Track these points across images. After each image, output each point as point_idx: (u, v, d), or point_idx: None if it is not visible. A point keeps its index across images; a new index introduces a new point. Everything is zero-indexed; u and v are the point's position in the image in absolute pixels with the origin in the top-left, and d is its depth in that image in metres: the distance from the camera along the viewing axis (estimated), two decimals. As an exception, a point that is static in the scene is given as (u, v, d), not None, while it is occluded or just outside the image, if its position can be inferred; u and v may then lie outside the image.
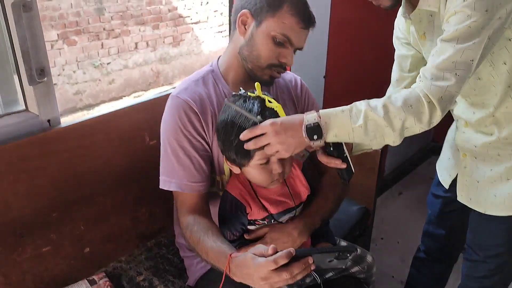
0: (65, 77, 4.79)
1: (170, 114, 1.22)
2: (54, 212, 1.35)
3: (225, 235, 1.21)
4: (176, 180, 1.22)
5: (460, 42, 1.02)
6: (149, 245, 1.62)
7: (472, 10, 1.01)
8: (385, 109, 1.03)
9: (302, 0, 1.20)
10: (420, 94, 1.03)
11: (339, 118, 1.05)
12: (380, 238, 2.52)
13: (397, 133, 1.04)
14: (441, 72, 1.03)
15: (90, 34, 4.85)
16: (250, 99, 1.11)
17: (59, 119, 1.35)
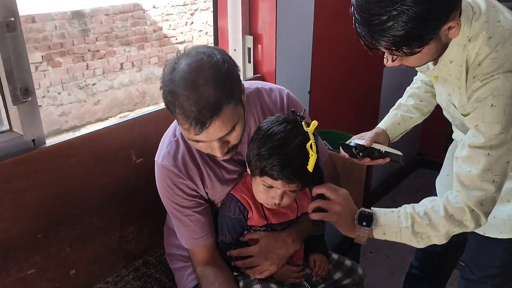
0: (49, 98, 4.76)
1: (159, 182, 1.25)
2: (39, 233, 1.33)
3: (222, 238, 1.27)
4: (183, 237, 1.28)
5: (494, 149, 1.01)
6: (136, 265, 1.60)
7: (502, 115, 0.98)
8: (428, 217, 1.08)
9: (190, 104, 1.00)
10: (461, 205, 1.05)
11: (388, 216, 1.12)
12: (370, 252, 2.52)
13: (443, 237, 1.09)
14: (479, 182, 1.03)
15: (75, 55, 4.85)
16: (298, 130, 1.12)
17: (44, 139, 1.34)
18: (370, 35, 0.96)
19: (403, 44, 0.94)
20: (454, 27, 0.97)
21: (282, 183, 1.12)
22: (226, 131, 1.07)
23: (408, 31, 0.91)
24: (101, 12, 4.99)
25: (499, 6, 1.08)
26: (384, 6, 0.89)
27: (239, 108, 1.09)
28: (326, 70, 2.25)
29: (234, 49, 1.95)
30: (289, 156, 1.10)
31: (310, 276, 1.34)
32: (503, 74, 0.99)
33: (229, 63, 1.06)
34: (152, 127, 1.52)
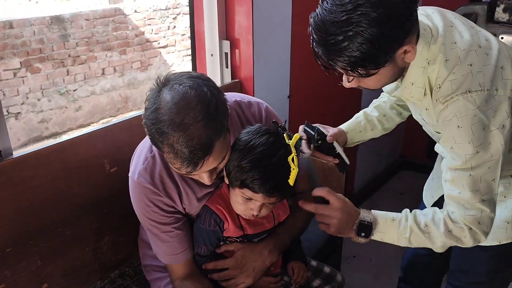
0: (29, 105, 4.68)
1: (136, 200, 1.21)
2: (8, 247, 1.28)
3: (198, 250, 1.24)
4: (161, 253, 1.25)
5: (474, 169, 1.03)
6: (112, 276, 1.56)
7: (471, 135, 1.00)
8: (427, 230, 1.09)
9: (181, 146, 0.97)
10: (460, 223, 1.07)
11: (388, 223, 1.12)
12: (353, 256, 2.51)
13: (439, 248, 1.11)
14: (472, 202, 1.05)
15: (54, 61, 4.78)
16: (280, 143, 1.10)
17: (10, 150, 1.29)
18: (326, 55, 0.98)
19: (358, 65, 0.95)
20: (410, 51, 0.99)
21: (263, 196, 1.10)
22: (216, 164, 1.05)
23: (363, 52, 0.92)
24: (81, 17, 4.93)
25: (457, 24, 1.09)
26: (340, 27, 0.92)
27: (227, 137, 1.07)
28: (306, 74, 2.24)
29: (211, 54, 1.92)
30: (271, 170, 1.07)
31: (288, 284, 1.32)
32: (461, 95, 1.01)
33: (216, 96, 1.02)
34: (125, 135, 1.48)
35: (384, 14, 0.90)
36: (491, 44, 1.07)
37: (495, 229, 1.22)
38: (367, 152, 2.94)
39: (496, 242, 1.24)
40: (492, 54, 1.05)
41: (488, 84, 1.00)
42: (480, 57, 1.03)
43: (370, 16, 0.89)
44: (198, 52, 1.97)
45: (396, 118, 1.43)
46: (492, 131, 1.01)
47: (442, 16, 1.10)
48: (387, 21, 0.91)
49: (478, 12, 2.11)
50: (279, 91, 2.10)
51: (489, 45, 1.07)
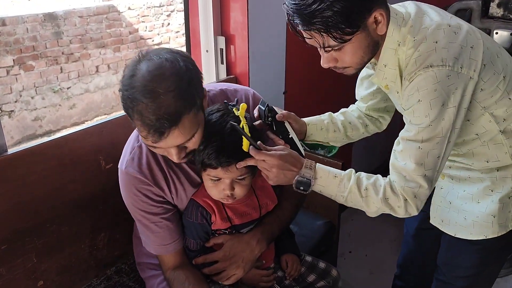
0: (22, 103, 4.65)
1: (124, 190, 1.22)
2: (3, 244, 1.27)
3: (188, 245, 1.25)
4: (152, 244, 1.25)
5: (424, 142, 1.05)
6: (108, 273, 1.55)
7: (429, 109, 1.03)
8: (366, 193, 1.10)
9: (149, 113, 0.98)
10: (397, 191, 1.09)
11: (329, 179, 1.13)
12: (348, 252, 2.52)
13: (373, 212, 1.13)
14: (414, 175, 1.07)
15: (48, 58, 4.74)
16: (228, 116, 1.12)
17: (5, 147, 1.28)
18: (301, 21, 1.02)
19: (333, 26, 1.00)
20: (381, 22, 1.04)
21: (222, 169, 1.11)
22: (184, 140, 1.05)
23: (335, 11, 0.98)
24: (75, 14, 4.90)
25: (430, 12, 1.13)
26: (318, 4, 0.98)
27: (199, 115, 1.07)
28: (301, 70, 2.24)
29: (206, 50, 1.92)
30: (222, 143, 1.09)
31: (282, 279, 1.32)
32: (423, 70, 1.03)
33: (191, 71, 1.03)
34: (121, 132, 1.47)
35: None
36: (462, 26, 1.10)
37: (481, 223, 1.23)
38: (362, 148, 2.95)
39: (483, 236, 1.24)
40: (461, 33, 1.07)
41: (451, 61, 1.03)
42: (447, 34, 1.06)
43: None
44: (193, 48, 1.97)
45: (361, 128, 1.45)
46: (449, 108, 1.03)
47: (416, 6, 1.14)
48: None
49: (472, 7, 2.12)
50: (275, 87, 2.10)
51: (459, 26, 1.09)
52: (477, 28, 1.15)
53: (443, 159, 1.08)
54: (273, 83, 2.09)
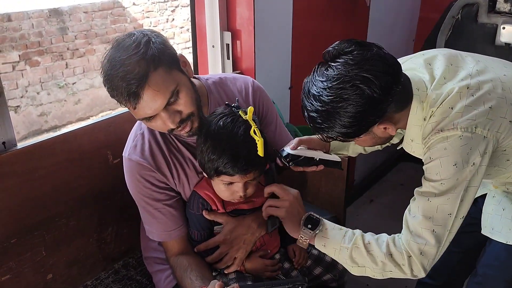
0: (28, 99, 4.67)
1: (128, 176, 1.26)
2: (12, 238, 1.29)
3: (192, 235, 1.27)
4: (155, 231, 1.28)
5: (434, 197, 1.04)
6: (116, 267, 1.57)
7: (439, 167, 1.03)
8: (370, 247, 1.09)
9: (119, 81, 1.03)
10: (402, 246, 1.07)
11: (334, 232, 1.14)
12: (354, 247, 2.52)
13: (379, 272, 1.10)
14: (420, 229, 1.05)
15: (53, 54, 4.75)
16: (237, 121, 1.12)
17: (14, 141, 1.30)
18: (311, 125, 1.10)
19: (335, 139, 1.10)
20: (389, 128, 1.08)
21: (239, 176, 1.12)
22: (164, 98, 1.06)
23: (339, 133, 1.06)
24: (80, 9, 4.90)
25: (460, 65, 1.13)
26: (321, 116, 1.04)
27: (174, 74, 1.09)
28: (307, 65, 2.22)
29: (213, 45, 1.92)
30: (237, 149, 1.10)
31: (288, 270, 1.33)
32: (435, 134, 1.05)
33: (152, 36, 1.07)
34: (128, 126, 1.47)
35: (361, 107, 1.00)
36: (483, 85, 1.07)
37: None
38: (368, 143, 2.95)
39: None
40: (478, 94, 1.05)
41: (464, 123, 1.02)
42: (463, 98, 1.05)
43: (346, 112, 1.01)
44: (199, 43, 1.97)
45: None
46: (462, 168, 1.02)
47: (446, 62, 1.13)
48: (362, 114, 1.01)
49: (479, 2, 2.11)
50: (280, 82, 2.10)
51: (479, 86, 1.07)
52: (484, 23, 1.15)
53: (455, 218, 1.05)
54: (279, 79, 2.09)
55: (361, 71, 1.00)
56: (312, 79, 1.06)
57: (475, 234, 1.37)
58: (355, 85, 0.99)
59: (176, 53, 1.13)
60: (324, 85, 1.02)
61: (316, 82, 1.04)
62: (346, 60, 1.02)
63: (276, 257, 1.33)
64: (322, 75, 1.03)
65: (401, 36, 2.98)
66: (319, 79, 1.04)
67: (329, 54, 1.06)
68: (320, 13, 2.23)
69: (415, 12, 2.99)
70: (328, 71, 1.02)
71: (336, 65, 1.02)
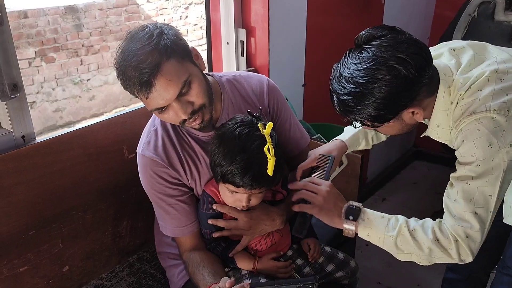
0: (44, 94, 4.73)
1: (142, 172, 1.27)
2: (31, 230, 1.32)
3: (205, 235, 1.27)
4: (168, 226, 1.28)
5: (471, 180, 1.04)
6: (131, 261, 1.59)
7: (474, 149, 1.03)
8: (416, 233, 1.08)
9: (131, 72, 1.05)
10: (447, 231, 1.06)
11: (376, 220, 1.12)
12: (365, 245, 2.52)
13: (425, 258, 1.08)
14: (463, 212, 1.04)
15: (68, 50, 4.81)
16: (254, 134, 1.11)
17: (33, 135, 1.32)
18: (340, 110, 1.11)
19: (364, 123, 1.10)
20: (418, 113, 1.08)
21: (244, 189, 1.12)
22: (176, 88, 1.07)
23: (369, 115, 1.06)
24: (95, 7, 4.95)
25: (484, 54, 1.14)
26: (354, 98, 1.05)
27: (186, 65, 1.10)
28: (320, 62, 2.23)
29: (227, 42, 1.93)
30: (247, 163, 1.09)
31: (301, 267, 1.33)
32: (467, 117, 1.05)
33: (165, 28, 1.09)
34: (144, 122, 1.49)
35: (395, 88, 1.01)
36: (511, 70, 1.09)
37: None
38: (381, 141, 2.93)
39: None
40: (507, 79, 1.06)
41: (496, 105, 1.02)
42: (491, 81, 1.06)
43: (380, 93, 1.02)
44: (213, 40, 1.98)
45: None
46: (499, 149, 1.01)
47: (472, 51, 1.14)
48: (396, 95, 1.02)
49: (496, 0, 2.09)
50: (294, 80, 2.11)
51: (507, 71, 1.08)
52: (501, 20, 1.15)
53: (497, 200, 1.04)
54: (292, 76, 2.10)
55: (396, 52, 1.01)
56: (344, 63, 1.07)
57: (498, 223, 1.34)
58: (391, 65, 1.00)
59: (189, 45, 1.15)
60: (357, 67, 1.03)
61: (349, 65, 1.05)
62: (380, 42, 1.03)
63: (288, 253, 1.34)
64: (355, 58, 1.04)
65: (416, 34, 2.94)
66: (352, 62, 1.05)
67: (362, 38, 1.06)
68: (335, 11, 2.23)
69: (430, 10, 2.96)
70: (362, 54, 1.03)
71: (370, 47, 1.03)
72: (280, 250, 1.31)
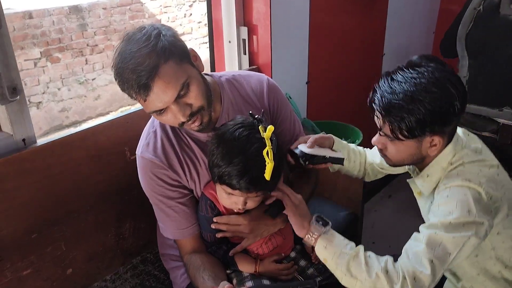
0: (49, 94, 4.75)
1: (141, 174, 1.26)
2: (33, 233, 1.31)
3: (205, 237, 1.26)
4: (169, 229, 1.28)
5: (441, 230, 1.07)
6: (134, 262, 1.59)
7: (454, 207, 1.08)
8: (370, 261, 1.09)
9: (129, 74, 1.04)
10: (399, 267, 1.07)
11: (338, 238, 1.15)
12: (372, 243, 2.50)
13: (369, 285, 1.07)
14: (420, 256, 1.06)
15: (73, 50, 4.82)
16: (253, 137, 1.09)
17: (34, 138, 1.32)
18: (380, 107, 1.11)
19: (398, 122, 1.10)
20: (436, 145, 1.13)
21: (240, 192, 1.10)
22: (174, 90, 1.06)
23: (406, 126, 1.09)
24: (99, 6, 4.95)
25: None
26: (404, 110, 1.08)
27: (185, 66, 1.09)
28: (324, 60, 2.21)
29: (229, 41, 1.92)
30: (245, 166, 1.07)
31: (304, 269, 1.32)
32: (462, 181, 1.11)
33: (162, 29, 1.08)
34: (145, 123, 1.48)
35: (441, 107, 1.07)
36: None
37: None
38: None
39: None
40: (495, 172, 1.16)
41: (487, 187, 1.10)
42: (493, 169, 1.16)
43: (427, 104, 1.06)
44: (215, 39, 1.97)
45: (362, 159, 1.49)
46: (473, 218, 1.06)
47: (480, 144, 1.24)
48: (437, 114, 1.07)
49: (502, -7, 2.05)
50: (297, 78, 2.09)
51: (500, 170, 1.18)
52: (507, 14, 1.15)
53: (453, 259, 1.06)
54: (296, 74, 2.08)
55: (451, 79, 1.09)
56: (398, 71, 1.12)
57: None
58: (446, 86, 1.07)
59: (187, 46, 1.13)
60: (413, 76, 1.08)
61: (404, 74, 1.10)
62: (436, 66, 1.10)
63: (291, 255, 1.33)
64: (412, 69, 1.10)
65: (421, 28, 2.92)
66: (408, 71, 1.10)
67: (417, 58, 1.13)
68: (338, 7, 2.20)
69: (435, 4, 2.93)
70: (420, 68, 1.10)
71: (428, 66, 1.10)
72: (282, 253, 1.30)
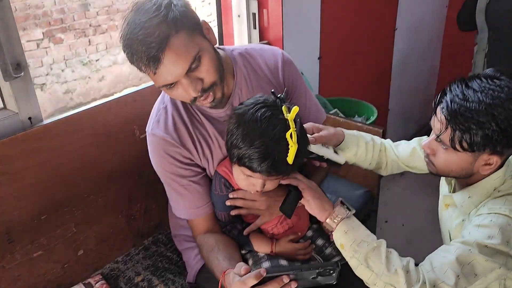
0: (53, 76, 4.69)
1: (153, 153, 1.22)
2: (43, 214, 1.28)
3: (219, 217, 1.23)
4: (181, 208, 1.24)
5: (475, 248, 1.00)
6: (146, 243, 1.56)
7: (496, 234, 1.00)
8: (389, 255, 1.04)
9: (138, 45, 1.00)
10: (421, 272, 1.01)
11: (361, 227, 1.09)
12: (385, 221, 2.47)
13: (384, 277, 1.01)
14: (446, 267, 1.00)
15: (76, 31, 4.74)
16: (277, 118, 1.02)
17: (41, 116, 1.28)
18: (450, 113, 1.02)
19: (461, 132, 1.01)
20: (490, 166, 1.05)
21: (261, 175, 1.05)
22: (185, 63, 1.01)
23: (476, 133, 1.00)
24: (101, -15, 4.86)
25: None
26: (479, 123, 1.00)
27: (196, 39, 1.04)
28: (336, 35, 2.15)
29: (238, 15, 1.85)
30: (267, 148, 1.00)
31: (322, 248, 1.28)
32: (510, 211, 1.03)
33: (174, 0, 1.02)
34: (154, 101, 1.42)
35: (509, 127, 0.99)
36: None
37: None
38: (398, 116, 2.86)
39: None
40: None
41: None
42: None
43: (498, 120, 0.98)
44: (224, 13, 1.90)
45: (384, 156, 1.42)
46: (509, 250, 0.99)
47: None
48: (506, 132, 0.99)
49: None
50: (309, 53, 2.03)
51: None
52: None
53: (476, 283, 0.99)
54: (307, 49, 2.02)
55: None
56: (475, 78, 1.04)
57: None
58: None
59: (199, 18, 1.08)
60: (492, 88, 1.01)
61: (482, 83, 1.02)
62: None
63: (308, 234, 1.29)
64: (491, 80, 1.03)
65: (434, 2, 2.84)
66: (486, 81, 1.03)
67: (490, 71, 1.06)
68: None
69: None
70: (500, 81, 1.03)
71: (509, 81, 1.03)
72: (298, 232, 1.26)
